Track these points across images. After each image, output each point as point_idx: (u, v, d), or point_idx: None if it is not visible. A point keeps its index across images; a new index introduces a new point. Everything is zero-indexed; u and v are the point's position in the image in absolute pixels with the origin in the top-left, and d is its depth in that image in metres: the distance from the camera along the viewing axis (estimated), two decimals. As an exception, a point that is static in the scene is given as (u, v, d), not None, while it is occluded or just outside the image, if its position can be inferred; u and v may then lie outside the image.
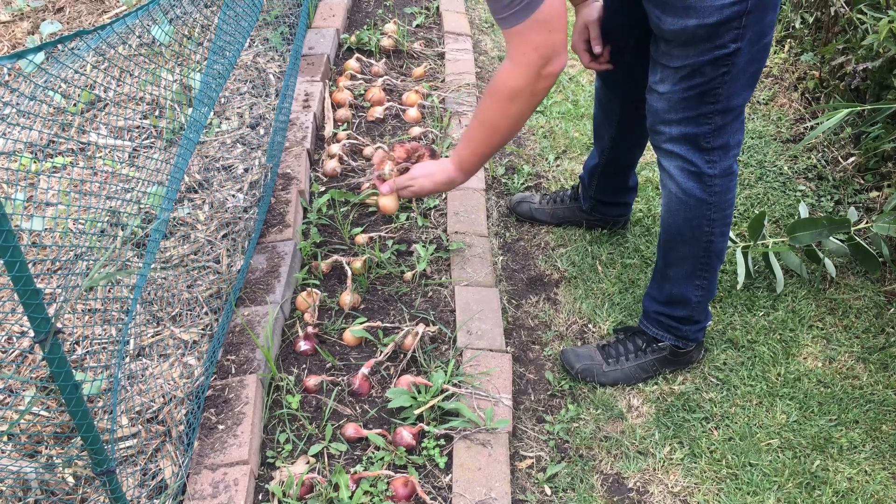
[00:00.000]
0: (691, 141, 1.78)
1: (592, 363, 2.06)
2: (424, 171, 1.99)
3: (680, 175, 1.82)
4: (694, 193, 1.82)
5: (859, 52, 2.66)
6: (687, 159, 1.80)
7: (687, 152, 1.79)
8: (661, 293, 2.01)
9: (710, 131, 1.76)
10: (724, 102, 1.72)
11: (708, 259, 1.93)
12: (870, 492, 1.82)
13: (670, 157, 1.83)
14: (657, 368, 2.07)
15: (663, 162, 1.86)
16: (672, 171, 1.84)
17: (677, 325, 2.02)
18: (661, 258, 2.00)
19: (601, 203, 2.45)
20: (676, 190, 1.85)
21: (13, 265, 1.11)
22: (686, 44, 1.66)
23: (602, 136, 2.29)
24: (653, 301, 2.04)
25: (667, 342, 2.05)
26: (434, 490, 1.78)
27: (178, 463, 1.73)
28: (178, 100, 2.69)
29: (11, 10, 3.49)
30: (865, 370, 2.11)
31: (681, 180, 1.83)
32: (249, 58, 3.15)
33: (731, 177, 1.83)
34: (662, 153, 1.85)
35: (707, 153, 1.79)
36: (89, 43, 1.24)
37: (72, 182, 2.34)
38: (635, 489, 1.85)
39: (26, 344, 1.93)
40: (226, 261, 2.24)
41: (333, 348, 2.14)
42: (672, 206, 1.88)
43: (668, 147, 1.81)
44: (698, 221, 1.86)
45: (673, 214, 1.89)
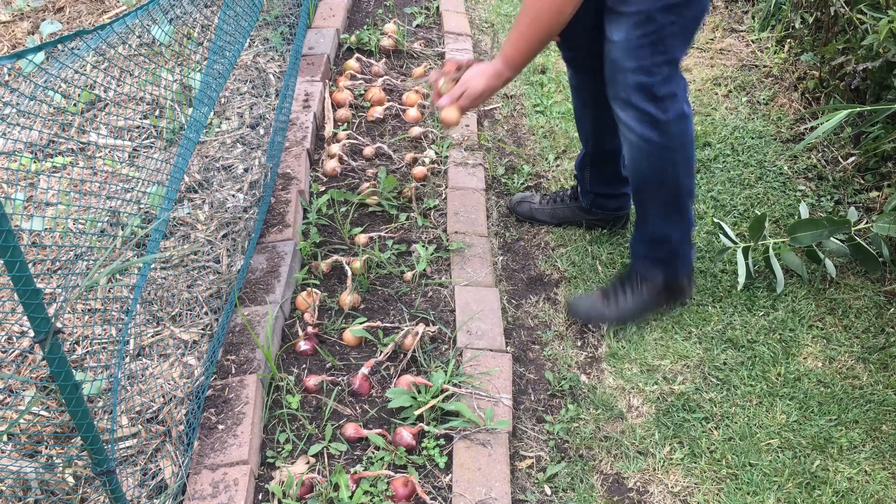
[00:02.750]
0: (645, 90, 1.90)
1: (595, 308, 2.21)
2: (473, 72, 2.00)
3: (637, 125, 1.94)
4: (653, 139, 1.95)
5: (859, 52, 2.66)
6: (641, 109, 1.92)
7: (641, 102, 1.91)
8: (644, 236, 2.17)
9: (660, 81, 1.89)
10: (671, 53, 1.87)
11: (679, 198, 2.08)
12: (870, 492, 1.82)
13: (627, 109, 1.94)
14: (653, 304, 2.22)
15: (621, 115, 1.96)
16: (629, 123, 1.95)
17: (665, 261, 2.18)
18: (637, 205, 2.15)
19: (599, 196, 2.47)
20: (636, 139, 1.96)
21: (13, 265, 1.11)
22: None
23: (584, 124, 2.36)
24: (639, 243, 2.21)
25: (659, 278, 2.18)
26: (434, 490, 1.78)
27: (178, 463, 1.73)
28: (178, 100, 2.69)
29: (11, 10, 3.48)
30: (865, 370, 2.11)
31: (638, 129, 1.94)
32: (249, 58, 3.15)
33: (685, 119, 1.96)
34: (620, 104, 1.95)
35: (659, 101, 1.91)
36: (89, 43, 1.24)
37: (72, 182, 2.35)
38: (635, 489, 1.85)
39: (26, 344, 1.93)
40: (226, 261, 2.24)
41: (333, 348, 2.14)
42: (635, 154, 2.00)
43: (624, 96, 1.92)
44: (662, 165, 2.00)
45: (637, 163, 2.02)
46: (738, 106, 3.19)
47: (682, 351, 2.17)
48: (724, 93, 3.27)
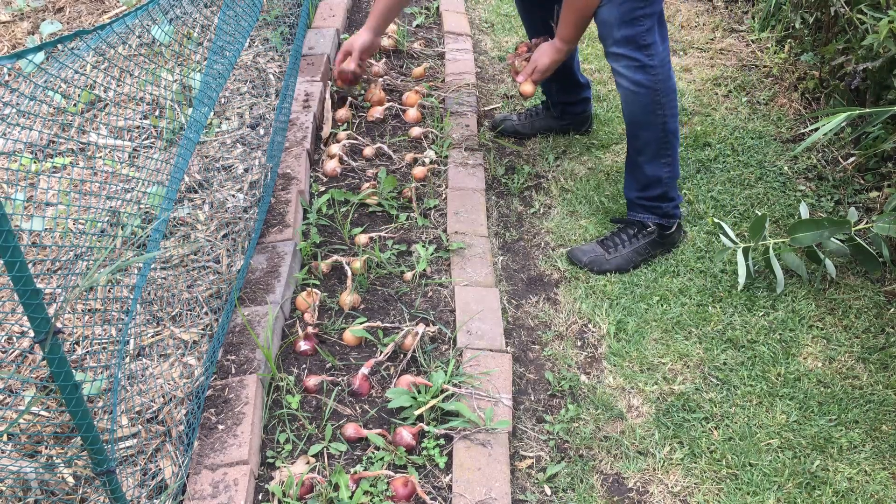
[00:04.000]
0: (632, 41, 2.22)
1: (596, 255, 2.42)
2: (540, 51, 2.40)
3: (628, 71, 2.25)
4: (643, 83, 2.26)
5: (859, 53, 2.66)
6: (631, 57, 2.24)
7: (630, 51, 2.23)
8: (636, 181, 2.43)
9: (644, 31, 2.21)
10: (651, 7, 2.19)
11: (667, 138, 2.36)
12: (870, 492, 1.82)
13: (618, 59, 2.26)
14: (650, 251, 2.44)
15: (613, 65, 2.29)
16: (621, 70, 2.27)
17: (657, 205, 2.42)
18: (630, 149, 2.42)
19: (566, 105, 2.95)
20: (628, 84, 2.27)
21: (13, 265, 1.11)
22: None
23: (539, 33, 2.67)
24: (631, 190, 2.46)
25: (652, 224, 2.43)
26: (434, 490, 1.78)
27: (178, 463, 1.73)
28: (178, 100, 2.69)
29: (11, 10, 3.48)
30: (865, 370, 2.11)
31: (629, 74, 2.26)
32: (249, 58, 3.15)
33: (668, 65, 2.29)
34: (612, 57, 2.28)
35: (645, 49, 2.23)
36: (89, 43, 1.24)
37: (72, 182, 2.35)
38: (635, 489, 1.85)
39: (26, 344, 1.93)
40: (226, 261, 2.24)
41: (333, 348, 2.14)
42: (628, 97, 2.31)
43: (615, 49, 2.25)
44: (651, 107, 2.30)
45: (630, 104, 2.32)
46: (738, 106, 3.19)
47: (682, 351, 2.17)
48: (724, 93, 3.27)
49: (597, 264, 2.42)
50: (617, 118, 3.12)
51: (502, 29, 3.85)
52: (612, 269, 2.41)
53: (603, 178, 2.81)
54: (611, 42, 2.26)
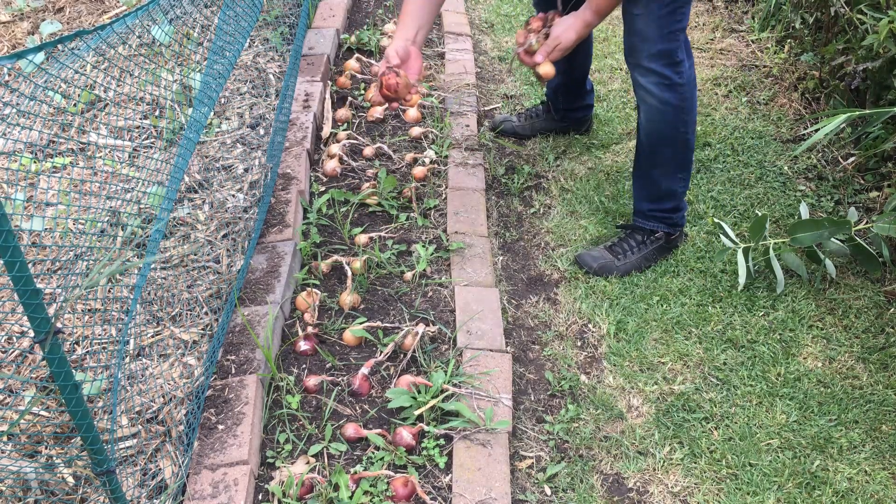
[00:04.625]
0: (665, 57, 2.14)
1: (606, 261, 2.39)
2: (564, 26, 2.15)
3: (657, 89, 2.18)
4: (671, 102, 2.20)
5: (859, 53, 2.66)
6: (663, 75, 2.16)
7: (663, 68, 2.15)
8: (649, 193, 2.39)
9: (677, 47, 2.14)
10: (684, 21, 2.13)
11: (686, 154, 2.34)
12: (870, 492, 1.82)
13: (648, 75, 2.18)
14: (656, 256, 2.43)
15: (641, 80, 2.20)
16: (650, 87, 2.19)
17: (668, 216, 2.40)
18: (645, 164, 2.36)
19: (569, 111, 2.92)
20: (655, 102, 2.21)
21: (13, 265, 1.11)
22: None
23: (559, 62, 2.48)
24: (643, 201, 2.41)
25: (661, 231, 2.41)
26: (434, 490, 1.78)
27: (178, 463, 1.73)
28: (178, 100, 2.69)
29: (11, 10, 3.48)
30: (865, 370, 2.11)
31: (658, 92, 2.19)
32: (249, 58, 3.15)
33: (694, 83, 2.25)
34: (641, 71, 2.19)
35: (677, 66, 2.16)
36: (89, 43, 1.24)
37: (72, 182, 2.34)
38: (635, 489, 1.85)
39: (26, 344, 1.93)
40: (226, 261, 2.24)
41: (333, 348, 2.14)
42: (653, 115, 2.24)
43: (647, 64, 2.16)
44: (676, 125, 2.25)
45: (655, 123, 2.26)
46: (738, 106, 3.19)
47: (682, 351, 2.17)
48: (724, 93, 3.27)
49: (606, 270, 2.39)
50: (617, 118, 3.12)
51: (502, 29, 3.85)
52: (620, 272, 2.39)
53: (603, 178, 2.81)
54: (644, 56, 2.15)
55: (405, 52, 2.14)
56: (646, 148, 2.34)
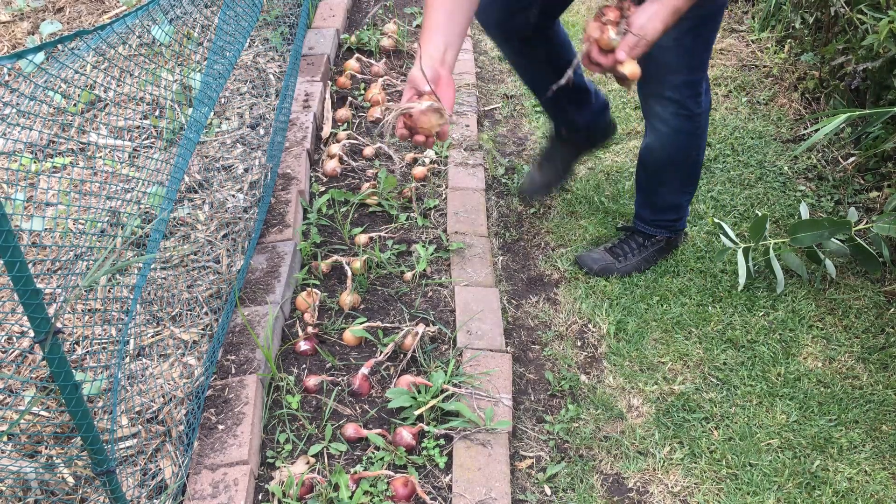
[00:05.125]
0: (691, 87, 2.01)
1: (606, 263, 2.37)
2: (646, 14, 1.66)
3: (674, 119, 2.07)
4: (685, 130, 2.10)
5: (859, 53, 2.66)
6: (684, 105, 2.04)
7: (686, 98, 2.03)
8: (653, 204, 2.34)
9: (703, 77, 2.03)
10: (710, 50, 2.02)
11: (695, 171, 2.28)
12: (870, 492, 1.82)
13: (667, 104, 2.05)
14: (656, 258, 2.41)
15: (657, 108, 2.07)
16: (666, 116, 2.07)
17: (671, 223, 2.37)
18: (650, 182, 2.30)
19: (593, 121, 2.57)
20: (668, 131, 2.10)
21: (13, 265, 1.11)
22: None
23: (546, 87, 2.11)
24: (645, 209, 2.37)
25: (664, 237, 2.39)
26: (434, 490, 1.78)
27: (178, 463, 1.73)
28: (178, 100, 2.69)
29: (11, 10, 3.48)
30: (865, 370, 2.11)
31: (674, 123, 2.08)
32: (249, 58, 3.15)
33: (709, 108, 2.15)
34: (659, 100, 2.05)
35: (698, 97, 2.05)
36: (89, 43, 1.24)
37: (72, 182, 2.34)
38: (635, 489, 1.85)
39: (26, 344, 1.93)
40: (226, 261, 2.24)
41: (333, 348, 2.14)
42: (666, 142, 2.14)
43: (670, 94, 2.02)
44: (688, 150, 2.18)
45: (666, 149, 2.16)
46: (738, 106, 3.18)
47: (682, 351, 2.17)
48: (724, 93, 3.27)
49: (607, 272, 2.37)
50: (616, 118, 3.12)
51: (502, 29, 3.84)
52: (620, 273, 2.38)
53: (603, 178, 2.81)
54: (667, 87, 2.02)
55: (434, 75, 1.65)
56: (651, 168, 2.27)
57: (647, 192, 2.34)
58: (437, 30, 1.67)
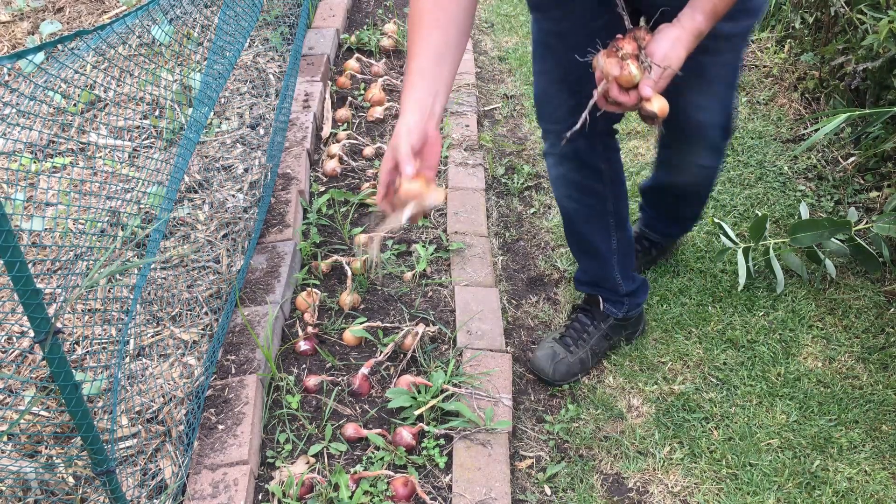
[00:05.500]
0: (726, 130, 1.92)
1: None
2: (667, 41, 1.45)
3: (711, 159, 2.00)
4: (715, 166, 2.04)
5: (859, 53, 2.66)
6: (720, 148, 1.98)
7: (722, 141, 1.95)
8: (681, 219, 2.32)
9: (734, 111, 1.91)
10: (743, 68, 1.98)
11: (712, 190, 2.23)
12: (870, 492, 1.82)
13: (707, 153, 1.97)
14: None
15: (697, 159, 1.99)
16: (705, 161, 2.00)
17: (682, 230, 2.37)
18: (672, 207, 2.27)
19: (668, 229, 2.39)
20: (706, 173, 2.06)
21: (13, 265, 1.11)
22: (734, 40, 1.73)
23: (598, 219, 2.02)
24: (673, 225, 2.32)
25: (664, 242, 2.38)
26: (434, 490, 1.78)
27: (178, 463, 1.73)
28: (178, 100, 2.69)
29: (11, 10, 3.48)
30: (865, 370, 2.11)
31: (710, 162, 2.00)
32: (249, 58, 3.15)
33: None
34: (700, 152, 1.97)
35: (730, 134, 1.95)
36: (89, 43, 1.24)
37: (72, 182, 2.34)
38: (635, 489, 1.85)
39: (26, 344, 1.93)
40: (226, 261, 2.24)
41: (333, 348, 2.14)
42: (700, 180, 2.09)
43: (710, 144, 1.94)
44: (711, 181, 2.14)
45: (696, 185, 2.12)
46: (738, 106, 3.18)
47: (682, 351, 2.17)
48: (724, 93, 3.27)
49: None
50: (617, 118, 3.11)
51: (502, 29, 3.84)
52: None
53: (603, 178, 2.81)
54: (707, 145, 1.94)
55: (421, 137, 1.38)
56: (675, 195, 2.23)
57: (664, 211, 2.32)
58: (423, 76, 1.41)
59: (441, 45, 1.42)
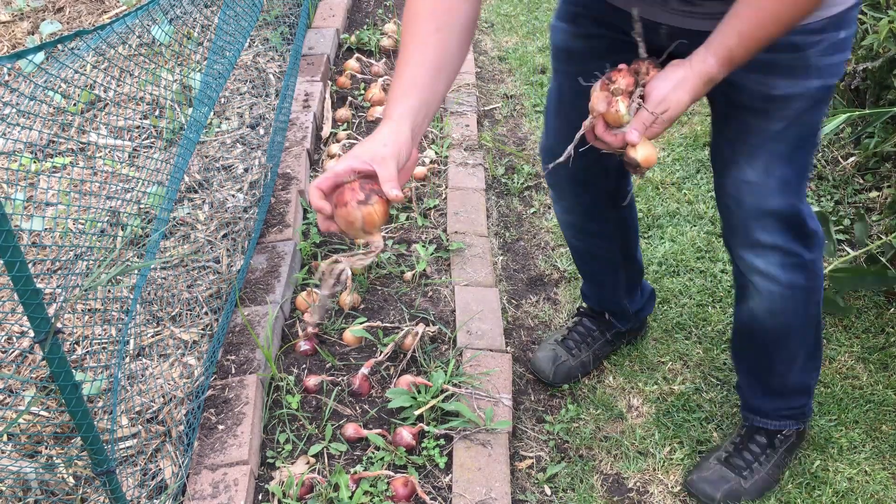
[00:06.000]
0: (795, 226, 1.52)
1: (727, 482, 1.77)
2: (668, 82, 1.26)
3: (782, 272, 1.56)
4: (800, 284, 1.58)
5: (859, 52, 2.66)
6: (789, 251, 1.54)
7: (788, 242, 1.53)
8: (773, 391, 1.79)
9: (810, 212, 1.54)
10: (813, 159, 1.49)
11: (819, 339, 1.75)
12: (870, 492, 1.82)
13: (767, 254, 1.55)
14: (787, 459, 1.85)
15: (757, 263, 1.56)
16: (771, 271, 1.56)
17: (799, 411, 1.83)
18: (762, 362, 1.76)
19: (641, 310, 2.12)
20: (779, 289, 1.58)
21: (13, 265, 1.11)
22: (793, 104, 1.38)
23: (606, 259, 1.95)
24: (761, 398, 1.81)
25: (793, 429, 1.83)
26: (434, 490, 1.78)
27: (178, 463, 1.73)
28: (178, 100, 2.69)
29: (11, 10, 3.48)
30: (865, 370, 2.11)
31: (784, 278, 1.56)
32: (249, 58, 3.15)
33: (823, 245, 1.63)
34: (756, 252, 1.56)
35: (809, 238, 1.55)
36: (89, 43, 1.24)
37: (72, 182, 2.35)
38: (635, 489, 1.85)
39: (26, 344, 1.93)
40: (226, 261, 2.24)
41: (333, 348, 2.14)
42: (776, 307, 1.62)
43: (766, 240, 1.53)
44: (807, 310, 1.65)
45: (778, 315, 1.64)
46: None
47: (682, 351, 2.17)
48: (724, 93, 3.27)
49: (733, 496, 1.77)
50: (617, 118, 3.11)
51: (502, 29, 3.85)
52: (754, 496, 1.79)
53: (603, 178, 2.81)
54: (756, 231, 1.52)
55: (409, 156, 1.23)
56: (761, 342, 1.73)
57: (759, 374, 1.79)
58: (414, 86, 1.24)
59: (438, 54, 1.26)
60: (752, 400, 1.83)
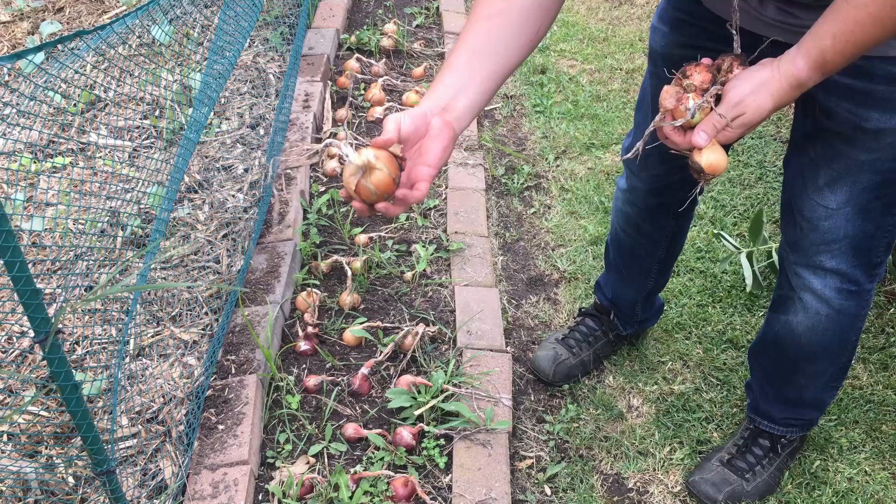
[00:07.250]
0: (861, 255, 1.46)
1: (729, 484, 1.78)
2: (749, 84, 1.16)
3: (836, 296, 1.51)
4: (850, 312, 1.54)
5: (859, 53, 2.66)
6: (850, 277, 1.48)
7: (852, 269, 1.47)
8: (787, 401, 1.77)
9: (886, 244, 1.45)
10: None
11: (850, 362, 1.70)
12: (870, 492, 1.82)
13: (826, 276, 1.50)
14: (789, 461, 1.86)
15: (813, 282, 1.51)
16: (826, 293, 1.51)
17: (808, 422, 1.82)
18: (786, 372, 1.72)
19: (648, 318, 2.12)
20: (828, 311, 1.53)
21: (13, 265, 1.11)
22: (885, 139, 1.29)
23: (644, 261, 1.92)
24: (775, 405, 1.79)
25: (795, 435, 1.83)
26: (434, 490, 1.78)
27: (178, 463, 1.73)
28: (178, 100, 2.69)
29: (11, 10, 3.48)
30: (865, 370, 2.11)
31: (836, 302, 1.52)
32: (249, 58, 3.15)
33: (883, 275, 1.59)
34: (816, 273, 1.51)
35: (874, 268, 1.48)
36: (89, 43, 1.24)
37: (72, 182, 2.35)
38: (635, 489, 1.85)
39: (26, 344, 1.93)
40: (226, 261, 2.24)
41: (333, 348, 2.14)
42: (819, 327, 1.57)
43: (830, 264, 1.47)
44: (848, 335, 1.60)
45: (819, 334, 1.58)
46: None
47: (682, 351, 2.17)
48: (724, 93, 3.27)
49: (735, 498, 1.78)
50: (617, 118, 3.12)
51: (502, 29, 3.84)
52: (755, 497, 1.79)
53: (603, 178, 2.81)
54: (827, 253, 1.46)
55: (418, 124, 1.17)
56: (793, 356, 1.67)
57: (776, 382, 1.76)
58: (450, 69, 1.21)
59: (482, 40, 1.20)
60: (762, 403, 1.81)
